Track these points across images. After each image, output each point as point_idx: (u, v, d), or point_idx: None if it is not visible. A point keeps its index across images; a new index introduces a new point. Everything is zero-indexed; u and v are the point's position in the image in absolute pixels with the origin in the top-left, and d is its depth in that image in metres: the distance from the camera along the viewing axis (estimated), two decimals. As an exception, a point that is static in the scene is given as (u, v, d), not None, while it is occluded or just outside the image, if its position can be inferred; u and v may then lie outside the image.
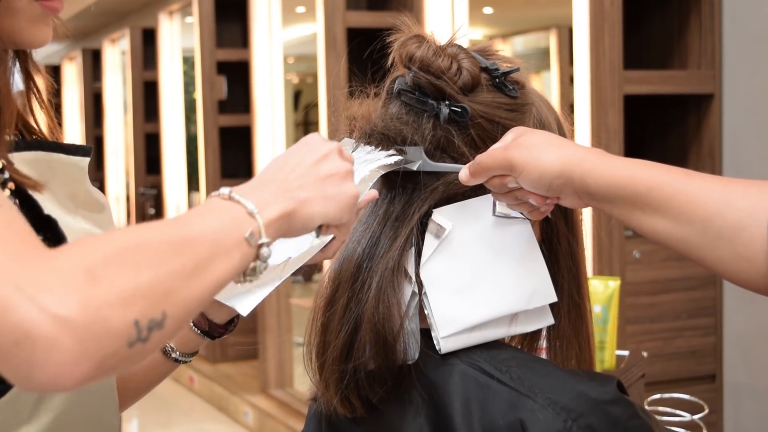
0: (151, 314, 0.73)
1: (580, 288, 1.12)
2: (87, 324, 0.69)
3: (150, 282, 0.73)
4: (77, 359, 0.69)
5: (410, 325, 1.03)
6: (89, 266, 0.71)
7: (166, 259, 0.75)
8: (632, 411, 0.97)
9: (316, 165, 0.93)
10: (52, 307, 0.68)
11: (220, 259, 0.80)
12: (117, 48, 8.34)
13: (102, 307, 0.70)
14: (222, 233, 0.81)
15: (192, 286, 0.77)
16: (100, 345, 0.70)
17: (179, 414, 5.66)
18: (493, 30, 5.69)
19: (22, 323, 0.68)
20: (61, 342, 0.68)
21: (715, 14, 3.25)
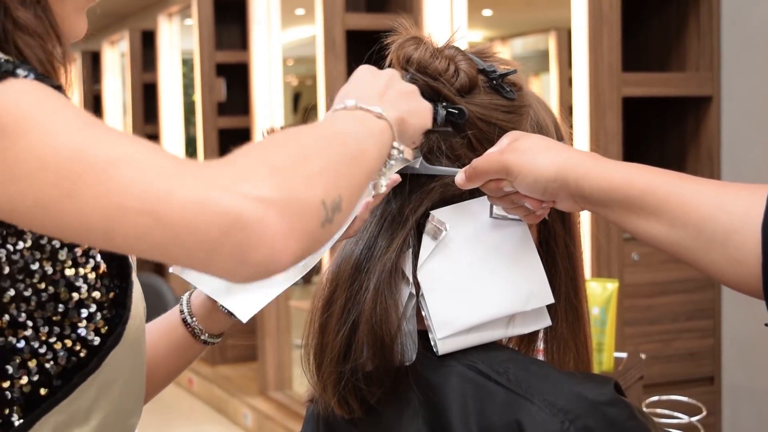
0: (332, 195, 0.77)
1: (578, 290, 1.13)
2: (288, 202, 0.72)
3: (323, 167, 0.77)
4: (287, 235, 0.72)
5: (407, 327, 1.03)
6: (266, 160, 0.75)
7: (327, 148, 0.80)
8: (629, 412, 0.97)
9: (392, 83, 0.96)
10: (253, 191, 0.71)
11: (366, 150, 0.85)
12: (116, 50, 8.34)
13: (294, 188, 0.73)
14: (362, 130, 0.86)
15: (353, 171, 0.81)
16: (302, 221, 0.73)
17: (178, 416, 5.66)
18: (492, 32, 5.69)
19: (228, 210, 0.71)
20: (271, 220, 0.71)
21: (714, 16, 3.25)
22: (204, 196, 0.71)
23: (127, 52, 7.63)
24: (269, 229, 0.71)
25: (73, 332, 0.92)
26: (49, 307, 0.91)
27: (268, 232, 0.71)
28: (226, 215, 0.71)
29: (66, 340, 0.92)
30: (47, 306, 0.91)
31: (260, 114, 5.38)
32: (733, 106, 3.24)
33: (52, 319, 0.91)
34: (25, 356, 0.91)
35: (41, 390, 0.92)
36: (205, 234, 0.71)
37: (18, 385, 0.91)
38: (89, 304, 0.93)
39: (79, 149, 0.74)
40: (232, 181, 0.72)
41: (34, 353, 0.91)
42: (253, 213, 0.71)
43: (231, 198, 0.71)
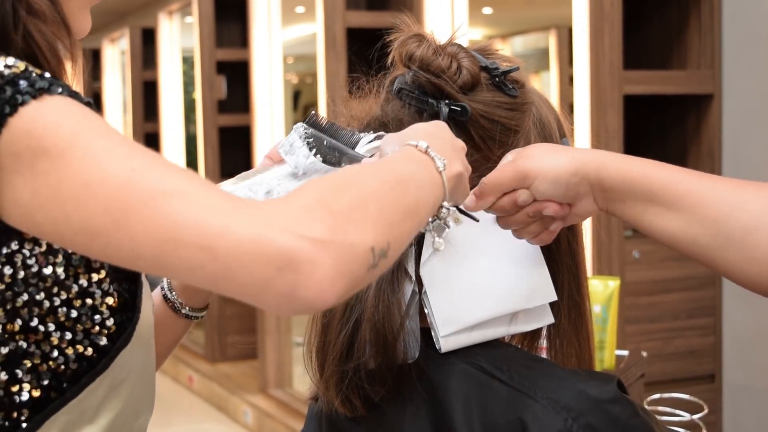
0: (382, 243, 0.79)
1: (580, 287, 1.13)
2: (340, 246, 0.75)
3: (377, 214, 0.79)
4: (336, 277, 0.75)
5: (410, 324, 1.03)
6: (324, 202, 0.77)
7: (385, 195, 0.81)
8: (632, 410, 0.97)
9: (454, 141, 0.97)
10: (308, 233, 0.74)
11: (422, 203, 0.86)
12: (116, 48, 8.34)
13: (348, 233, 0.76)
14: (422, 182, 0.88)
15: (407, 221, 0.83)
16: (352, 265, 0.76)
17: (178, 413, 5.66)
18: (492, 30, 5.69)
19: (284, 250, 0.73)
20: (322, 262, 0.74)
21: (715, 14, 3.25)
22: (261, 233, 0.73)
23: (127, 49, 7.63)
24: (320, 271, 0.74)
25: (86, 338, 0.92)
26: (62, 312, 0.91)
27: (318, 274, 0.74)
28: (281, 254, 0.73)
29: (78, 345, 0.92)
30: (59, 311, 0.91)
31: (260, 112, 5.37)
32: (734, 104, 3.24)
33: (64, 324, 0.91)
34: (35, 361, 0.91)
35: (51, 394, 0.92)
36: (259, 271, 0.73)
37: (27, 390, 0.91)
38: (102, 310, 0.93)
39: (129, 179, 0.75)
40: (288, 221, 0.74)
41: (46, 358, 0.91)
42: (306, 254, 0.73)
43: (287, 237, 0.73)
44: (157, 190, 0.75)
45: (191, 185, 0.76)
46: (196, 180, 0.77)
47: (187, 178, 0.77)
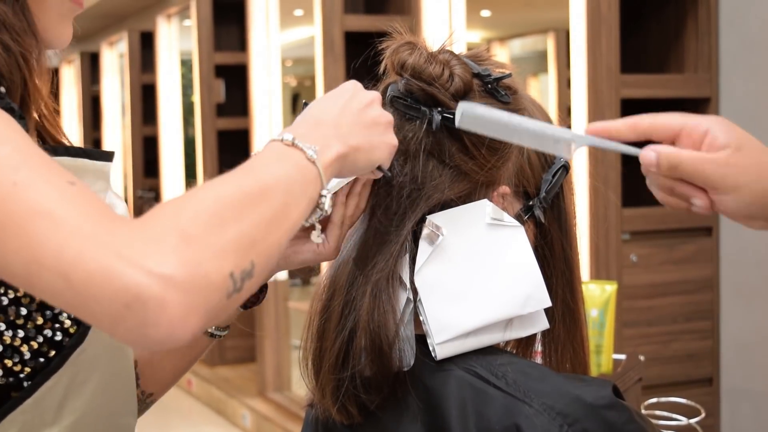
0: (243, 265, 0.77)
1: (574, 292, 1.13)
2: (191, 280, 0.73)
3: (237, 235, 0.77)
4: (187, 313, 0.73)
5: (405, 332, 1.03)
6: (180, 227, 0.75)
7: (246, 210, 0.79)
8: (628, 415, 0.97)
9: (362, 112, 0.96)
10: (156, 268, 0.72)
11: (291, 206, 0.84)
12: (115, 51, 8.34)
13: (201, 263, 0.73)
14: (290, 181, 0.85)
15: (272, 234, 0.81)
16: (205, 298, 0.74)
17: (177, 417, 5.66)
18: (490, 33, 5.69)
19: (131, 286, 0.71)
20: (171, 299, 0.72)
21: (712, 18, 3.25)
22: (110, 267, 0.71)
23: (125, 53, 7.63)
24: (169, 309, 0.72)
25: (39, 334, 0.93)
26: (11, 311, 0.92)
27: (167, 312, 0.72)
28: (127, 291, 0.71)
29: (32, 342, 0.93)
30: (8, 310, 0.92)
31: (259, 115, 5.38)
32: (732, 107, 3.24)
33: (15, 323, 0.92)
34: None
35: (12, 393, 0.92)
36: (108, 305, 0.72)
37: None
38: (53, 305, 0.92)
39: (8, 194, 0.75)
40: (140, 253, 0.72)
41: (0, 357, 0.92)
42: (153, 292, 0.71)
43: (134, 273, 0.71)
44: (30, 209, 0.74)
45: (64, 206, 0.74)
46: (72, 199, 0.75)
47: (64, 197, 0.75)
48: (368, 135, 0.95)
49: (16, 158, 0.77)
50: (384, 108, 1.09)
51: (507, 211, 1.07)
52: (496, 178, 1.08)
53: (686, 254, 3.25)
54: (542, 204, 1.10)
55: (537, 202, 1.10)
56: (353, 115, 0.95)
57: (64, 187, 0.76)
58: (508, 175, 1.08)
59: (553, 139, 0.95)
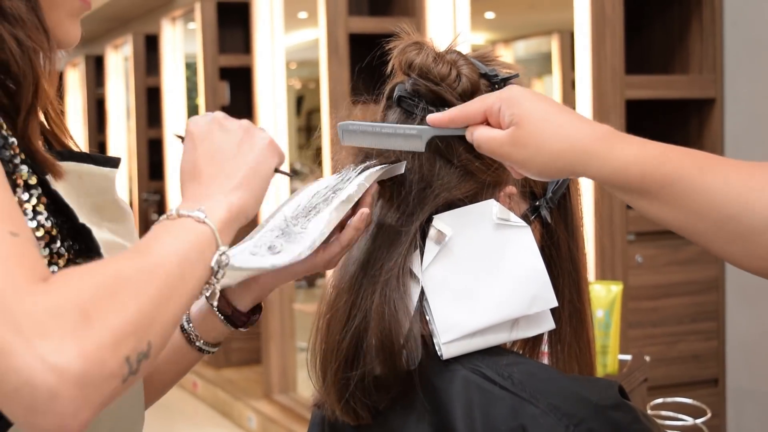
0: (140, 348, 0.75)
1: (581, 293, 1.13)
2: (86, 372, 0.71)
3: (137, 315, 0.75)
4: (79, 407, 0.71)
5: (413, 330, 1.04)
6: (81, 306, 0.73)
7: (145, 287, 0.77)
8: (633, 416, 0.97)
9: (222, 138, 0.97)
10: (51, 356, 0.69)
11: (189, 275, 0.83)
12: (120, 54, 8.35)
13: (98, 351, 0.71)
14: (185, 248, 0.84)
15: (170, 309, 0.79)
16: (99, 389, 0.72)
17: (183, 419, 5.67)
18: (494, 35, 5.70)
19: (22, 371, 0.69)
20: (63, 392, 0.70)
21: (716, 19, 3.25)
22: (7, 342, 0.69)
23: (130, 55, 7.63)
24: (60, 401, 0.70)
25: None
26: None
27: (57, 403, 0.70)
28: (19, 374, 0.69)
29: None
30: None
31: (263, 117, 5.38)
32: (737, 108, 3.24)
33: None
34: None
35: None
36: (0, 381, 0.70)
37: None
38: None
39: None
40: (36, 332, 0.70)
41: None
42: (44, 381, 0.69)
43: (28, 357, 0.69)
44: None
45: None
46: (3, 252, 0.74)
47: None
48: (244, 157, 0.95)
49: None
50: (391, 107, 1.10)
51: (513, 211, 1.07)
52: (502, 178, 1.08)
53: (692, 255, 3.24)
54: (549, 204, 1.10)
55: (543, 203, 1.10)
56: (223, 150, 0.95)
57: (3, 236, 0.75)
58: (515, 177, 1.08)
59: (405, 137, 1.03)
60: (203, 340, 1.16)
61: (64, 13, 0.99)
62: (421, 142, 1.03)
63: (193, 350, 1.16)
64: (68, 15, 1.00)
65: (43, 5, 0.96)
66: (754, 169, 0.90)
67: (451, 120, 1.01)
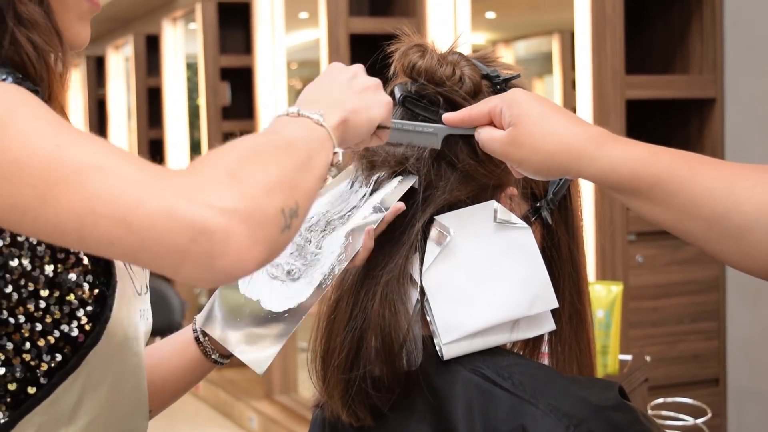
0: (290, 203, 0.80)
1: (581, 294, 1.13)
2: (251, 212, 0.76)
3: (279, 176, 0.81)
4: (252, 243, 0.76)
5: (413, 331, 1.04)
6: (228, 170, 0.78)
7: (282, 158, 0.83)
8: (634, 417, 0.98)
9: (350, 81, 1.00)
10: (217, 202, 0.75)
11: (314, 158, 0.88)
12: (121, 54, 8.35)
13: (256, 198, 0.77)
14: (308, 138, 0.89)
15: (307, 178, 0.85)
16: (265, 229, 0.77)
17: (184, 420, 5.67)
18: (495, 35, 5.70)
19: (195, 221, 0.74)
20: (236, 230, 0.75)
21: (717, 19, 3.25)
22: (172, 206, 0.74)
23: (131, 56, 7.64)
24: (235, 238, 0.75)
25: (56, 328, 0.94)
26: (30, 304, 0.92)
27: (233, 241, 0.75)
28: (193, 225, 0.74)
29: (49, 336, 0.93)
30: (28, 302, 0.92)
31: (265, 118, 5.38)
32: (737, 108, 3.24)
33: (33, 315, 0.93)
34: (8, 354, 0.92)
35: (29, 389, 0.93)
36: (173, 243, 0.74)
37: (3, 383, 0.92)
38: (71, 300, 0.94)
39: (54, 155, 0.77)
40: (198, 191, 0.75)
41: (18, 351, 0.92)
42: (218, 223, 0.74)
43: (197, 208, 0.74)
44: (78, 164, 0.76)
45: (111, 159, 0.77)
46: (117, 153, 0.78)
47: (108, 151, 0.78)
48: (361, 98, 0.99)
49: (54, 125, 0.79)
50: (395, 109, 1.10)
51: (514, 212, 1.08)
52: (504, 179, 1.08)
53: (692, 255, 3.24)
54: (549, 206, 1.10)
55: (544, 204, 1.10)
56: (343, 86, 0.99)
57: (106, 144, 0.79)
58: (515, 176, 1.08)
59: (423, 134, 1.06)
60: (218, 353, 1.20)
61: (74, 15, 1.01)
62: (437, 140, 1.06)
63: (208, 362, 1.21)
64: (78, 17, 1.01)
65: (55, 8, 0.97)
66: (744, 169, 0.92)
67: (462, 120, 1.04)
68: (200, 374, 1.22)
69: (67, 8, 0.99)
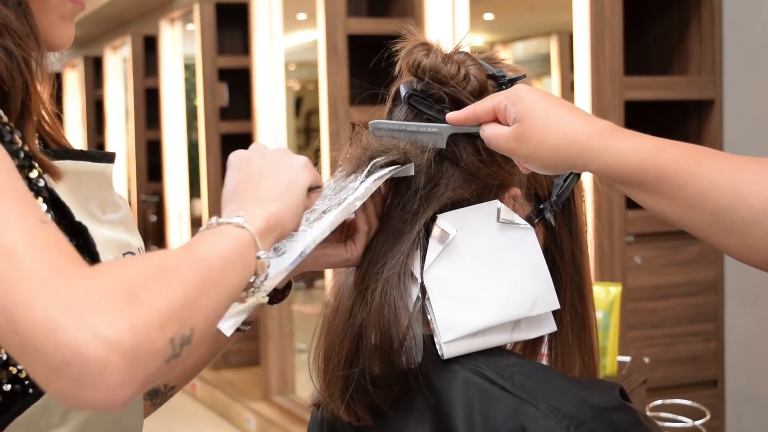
0: (183, 331, 0.76)
1: (584, 297, 1.13)
2: (134, 346, 0.72)
3: (181, 299, 0.77)
4: (127, 380, 0.72)
5: (413, 329, 1.04)
6: (129, 287, 0.74)
7: (190, 276, 0.79)
8: (634, 418, 0.97)
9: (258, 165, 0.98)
10: (102, 329, 0.71)
11: (230, 270, 0.85)
12: (118, 55, 8.35)
13: (146, 327, 0.73)
14: (225, 249, 0.86)
15: (213, 299, 0.81)
16: (146, 365, 0.73)
17: (181, 421, 5.66)
18: (494, 36, 5.70)
19: (73, 344, 0.70)
20: (113, 364, 0.71)
21: (715, 20, 3.25)
22: (55, 319, 0.70)
23: (129, 57, 7.63)
24: (109, 373, 0.71)
25: None
26: None
27: (107, 376, 0.71)
28: (68, 348, 0.70)
29: None
30: None
31: (262, 119, 5.38)
32: (735, 109, 3.24)
33: None
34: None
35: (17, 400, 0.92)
36: (48, 358, 0.70)
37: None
38: None
39: None
40: (88, 310, 0.71)
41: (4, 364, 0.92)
42: (95, 353, 0.70)
43: (79, 331, 0.70)
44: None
45: (26, 245, 0.74)
46: (37, 238, 0.75)
47: (30, 235, 0.75)
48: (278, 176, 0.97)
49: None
50: (397, 106, 1.10)
51: (517, 212, 1.08)
52: (507, 180, 1.08)
53: (691, 256, 3.25)
54: (553, 208, 1.10)
55: (548, 206, 1.10)
56: (254, 172, 0.97)
57: (33, 224, 0.76)
58: (519, 177, 1.08)
59: (427, 134, 1.07)
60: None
61: (56, 15, 1.00)
62: (442, 139, 1.07)
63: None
64: (61, 17, 1.00)
65: (35, 9, 0.97)
66: (750, 163, 0.92)
67: (466, 118, 1.04)
68: (221, 344, 1.20)
69: (48, 9, 0.98)
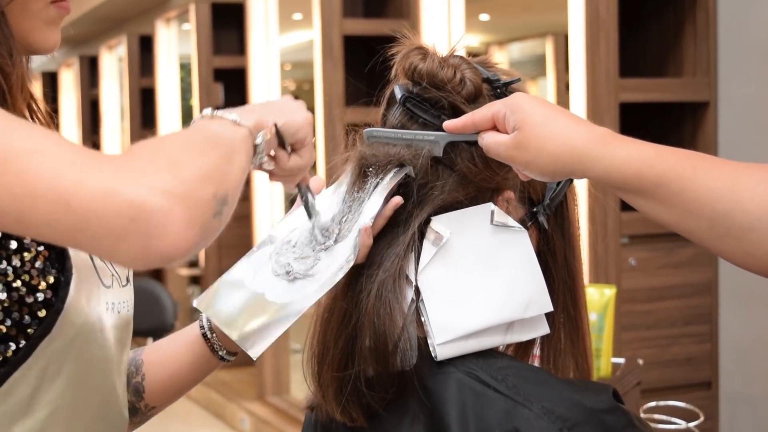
0: (220, 191, 0.82)
1: (576, 301, 1.13)
2: (187, 195, 0.78)
3: (213, 165, 0.83)
4: (189, 225, 0.78)
5: (408, 331, 1.04)
6: (167, 156, 0.80)
7: (210, 150, 0.85)
8: (627, 420, 0.98)
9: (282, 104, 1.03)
10: (157, 183, 0.76)
11: (237, 150, 0.90)
12: (114, 55, 8.35)
13: (192, 181, 0.79)
14: (229, 133, 0.91)
15: (234, 169, 0.87)
16: (200, 213, 0.79)
17: (176, 421, 5.66)
18: (489, 37, 5.71)
19: (135, 201, 0.75)
20: (174, 211, 0.76)
21: (710, 22, 3.26)
22: (112, 185, 0.75)
23: (124, 56, 7.63)
24: (173, 219, 0.76)
25: (7, 317, 0.94)
26: None
27: (171, 222, 0.76)
28: (132, 204, 0.75)
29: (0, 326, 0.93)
30: None
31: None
32: (730, 111, 3.25)
33: None
34: None
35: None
36: (112, 222, 0.75)
37: None
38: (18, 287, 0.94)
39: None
40: (138, 173, 0.77)
41: None
42: (158, 203, 0.76)
43: (137, 188, 0.76)
44: (18, 148, 0.76)
45: (51, 144, 0.78)
46: (57, 139, 0.79)
47: (49, 137, 0.79)
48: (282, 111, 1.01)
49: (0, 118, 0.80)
50: (391, 109, 1.10)
51: (511, 215, 1.08)
52: (501, 183, 1.08)
53: (685, 258, 3.25)
54: (546, 211, 1.10)
55: (541, 209, 1.10)
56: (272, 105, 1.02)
57: (49, 133, 0.80)
58: (513, 180, 1.08)
59: (426, 142, 1.07)
60: (225, 349, 1.21)
61: (39, 20, 1.01)
62: (439, 148, 1.07)
63: (215, 358, 1.22)
64: (44, 22, 1.01)
65: (18, 15, 0.98)
66: (747, 169, 0.92)
67: (464, 126, 1.05)
68: (206, 371, 1.23)
69: (30, 15, 0.99)
